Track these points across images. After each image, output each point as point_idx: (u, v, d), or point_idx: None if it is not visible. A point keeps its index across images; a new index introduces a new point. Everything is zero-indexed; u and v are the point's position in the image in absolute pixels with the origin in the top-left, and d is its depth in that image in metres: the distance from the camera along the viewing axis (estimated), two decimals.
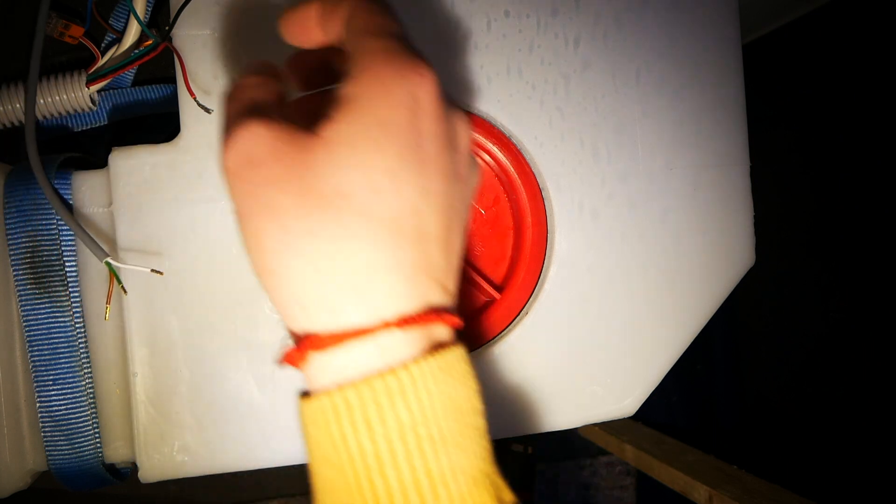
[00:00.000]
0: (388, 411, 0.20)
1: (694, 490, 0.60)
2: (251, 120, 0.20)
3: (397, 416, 0.20)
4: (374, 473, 0.20)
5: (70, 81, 0.37)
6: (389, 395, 0.20)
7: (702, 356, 0.91)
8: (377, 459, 0.20)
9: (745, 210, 0.40)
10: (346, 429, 0.20)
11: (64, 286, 0.34)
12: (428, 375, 0.21)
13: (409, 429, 0.20)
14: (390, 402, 0.20)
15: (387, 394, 0.20)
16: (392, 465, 0.20)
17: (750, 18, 0.65)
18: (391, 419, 0.20)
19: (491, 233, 0.38)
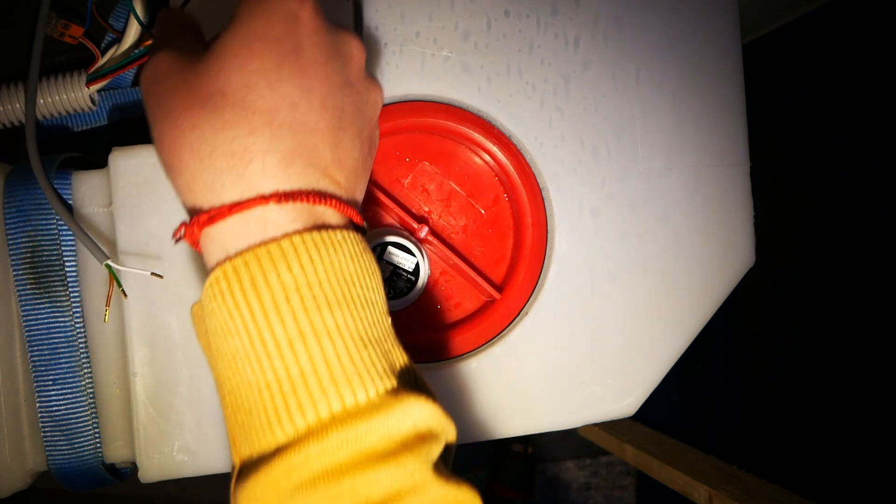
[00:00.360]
0: (271, 275, 0.22)
1: (694, 490, 0.60)
2: (159, 49, 0.25)
3: (281, 280, 0.22)
4: (264, 330, 0.22)
5: (70, 81, 0.37)
6: (272, 260, 0.22)
7: (702, 356, 0.91)
8: (265, 317, 0.22)
9: (745, 210, 0.40)
10: (237, 294, 0.22)
11: (64, 286, 0.34)
12: (311, 245, 0.23)
13: (293, 290, 0.22)
14: (273, 266, 0.22)
15: (270, 259, 0.22)
16: (279, 321, 0.22)
17: (750, 18, 0.65)
18: (275, 282, 0.22)
19: (491, 233, 0.38)
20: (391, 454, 0.22)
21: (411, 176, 0.38)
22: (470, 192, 0.38)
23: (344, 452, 0.21)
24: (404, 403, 0.22)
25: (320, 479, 0.21)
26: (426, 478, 0.22)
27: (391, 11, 0.35)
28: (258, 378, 0.22)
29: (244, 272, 0.22)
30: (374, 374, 0.23)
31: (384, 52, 0.35)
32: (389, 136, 0.37)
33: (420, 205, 0.38)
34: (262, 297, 0.22)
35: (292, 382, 0.22)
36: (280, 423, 0.22)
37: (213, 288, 0.23)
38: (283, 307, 0.22)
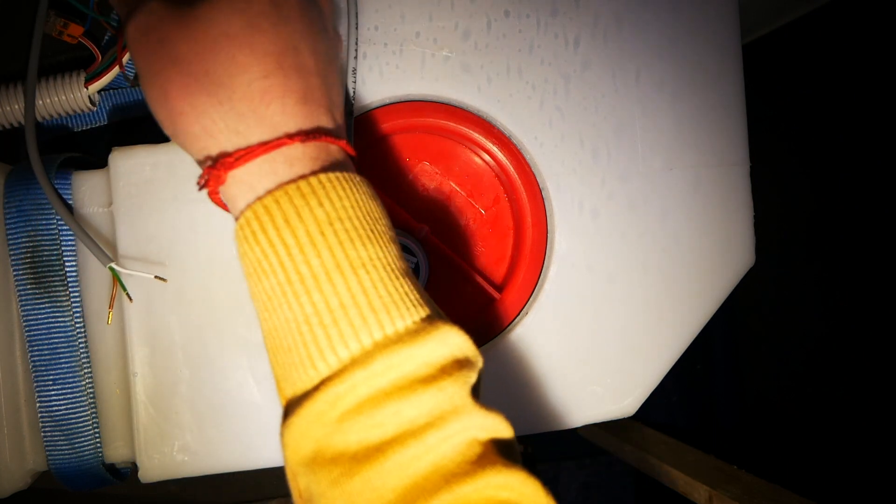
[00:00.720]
0: (304, 210, 0.23)
1: (694, 490, 0.60)
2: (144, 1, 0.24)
3: (314, 215, 0.23)
4: (301, 265, 0.22)
5: (69, 82, 0.36)
6: (304, 197, 0.23)
7: (702, 356, 0.91)
8: (301, 251, 0.22)
9: (745, 210, 0.40)
10: (271, 233, 0.23)
11: (64, 286, 0.34)
12: (336, 182, 0.24)
13: (326, 224, 0.23)
14: (305, 202, 0.23)
15: (301, 196, 0.23)
16: (315, 254, 0.22)
17: (750, 18, 0.65)
18: (308, 217, 0.23)
19: (491, 233, 0.38)
20: (431, 378, 0.22)
21: (411, 176, 0.38)
22: (470, 192, 0.38)
23: (387, 377, 0.22)
24: (441, 331, 0.23)
25: (365, 406, 0.22)
26: (465, 402, 0.23)
27: (391, 11, 0.35)
28: (296, 314, 0.23)
29: (276, 210, 0.23)
30: (410, 304, 0.23)
31: (384, 52, 0.35)
32: (390, 136, 0.37)
33: (420, 205, 0.38)
34: (297, 232, 0.23)
35: (332, 314, 0.22)
36: (322, 355, 0.22)
37: (244, 229, 0.23)
38: (319, 240, 0.23)
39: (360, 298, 0.22)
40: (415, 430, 0.22)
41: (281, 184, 0.23)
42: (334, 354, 0.22)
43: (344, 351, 0.22)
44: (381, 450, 0.21)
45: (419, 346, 0.22)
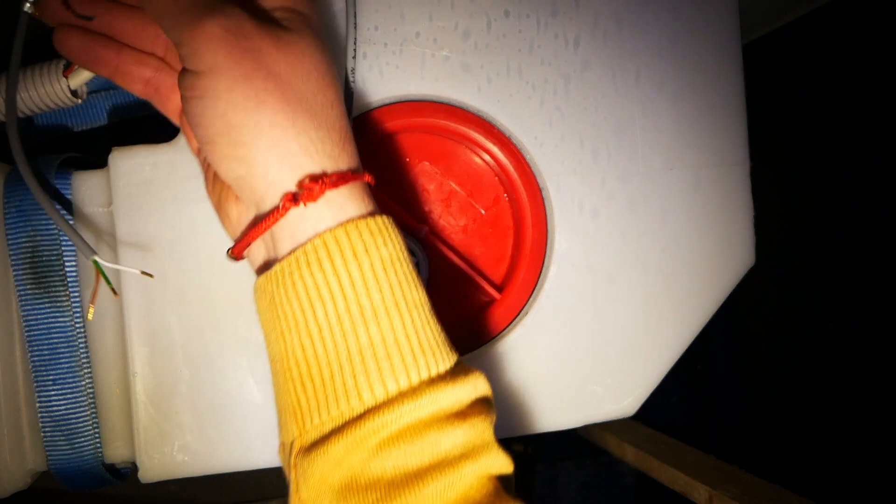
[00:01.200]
0: (371, 247, 0.24)
1: (694, 490, 0.60)
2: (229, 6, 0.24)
3: (379, 253, 0.24)
4: (363, 296, 0.24)
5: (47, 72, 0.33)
6: (372, 234, 0.25)
7: (702, 356, 0.91)
8: (365, 285, 0.24)
9: (745, 210, 0.40)
10: (338, 262, 0.24)
11: (64, 286, 0.34)
12: (391, 226, 0.26)
13: (388, 263, 0.25)
14: (373, 240, 0.24)
15: (370, 233, 0.25)
16: (377, 289, 0.24)
17: (750, 18, 0.65)
18: (374, 254, 0.24)
19: (491, 233, 0.38)
20: (464, 415, 0.24)
21: (411, 176, 0.38)
22: (470, 192, 0.38)
23: (427, 410, 0.24)
24: (473, 375, 0.25)
25: (405, 434, 0.23)
26: (491, 439, 0.25)
27: (391, 11, 0.35)
28: (349, 344, 0.24)
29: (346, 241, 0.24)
30: (448, 348, 0.26)
31: (384, 52, 0.35)
32: (390, 136, 0.37)
33: (420, 205, 0.38)
34: (363, 265, 0.24)
35: (387, 349, 0.24)
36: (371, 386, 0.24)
37: (309, 254, 0.24)
38: (381, 277, 0.24)
39: (413, 338, 0.24)
40: (451, 461, 0.24)
41: (361, 215, 0.25)
42: (383, 387, 0.24)
43: (393, 384, 0.24)
44: (420, 476, 0.23)
45: (459, 387, 0.24)
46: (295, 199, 0.24)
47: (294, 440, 0.25)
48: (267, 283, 0.26)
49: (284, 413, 0.26)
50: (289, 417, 0.25)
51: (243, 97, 0.24)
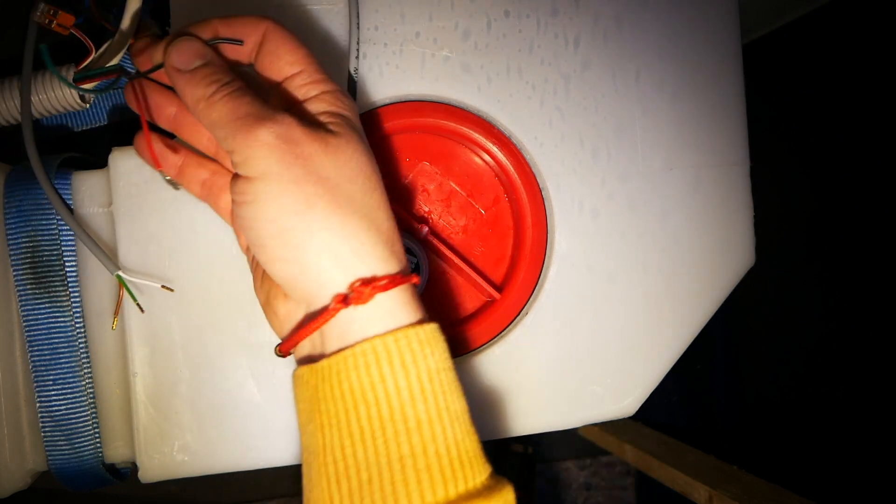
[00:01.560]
0: (419, 357, 0.25)
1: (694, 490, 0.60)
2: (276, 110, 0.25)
3: (426, 363, 0.25)
4: (408, 406, 0.24)
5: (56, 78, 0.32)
6: (420, 343, 0.25)
7: (702, 356, 0.91)
8: (411, 394, 0.25)
9: (745, 210, 0.40)
10: (385, 369, 0.24)
11: (64, 286, 0.34)
12: (438, 335, 0.26)
13: (435, 373, 0.25)
14: (421, 349, 0.25)
15: (419, 342, 0.25)
16: (422, 399, 0.25)
17: (750, 18, 0.65)
18: (422, 363, 0.25)
19: (491, 233, 0.38)
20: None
21: (411, 176, 0.38)
22: (470, 192, 0.38)
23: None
24: (505, 487, 0.26)
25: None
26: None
27: (391, 11, 0.35)
28: (390, 450, 0.24)
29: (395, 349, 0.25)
30: (483, 460, 0.26)
31: (384, 52, 0.35)
32: (390, 136, 0.37)
33: (420, 205, 0.38)
34: (410, 374, 0.25)
35: (427, 459, 0.24)
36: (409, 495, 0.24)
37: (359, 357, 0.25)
38: (427, 388, 0.25)
39: (453, 450, 0.25)
40: None
41: (402, 324, 0.26)
42: (420, 497, 0.24)
43: (430, 496, 0.24)
44: None
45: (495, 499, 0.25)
46: (346, 300, 0.25)
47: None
48: (312, 375, 0.26)
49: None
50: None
51: (293, 201, 0.25)
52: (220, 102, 0.25)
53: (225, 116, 0.25)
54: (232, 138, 0.25)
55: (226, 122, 0.25)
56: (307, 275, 0.25)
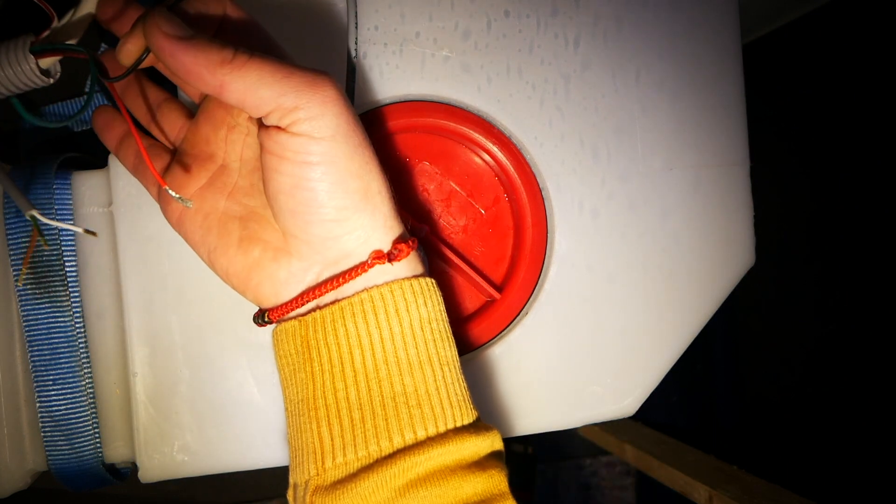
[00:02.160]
0: (412, 306, 0.26)
1: (694, 490, 0.60)
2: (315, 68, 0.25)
3: (419, 312, 0.27)
4: (401, 350, 0.26)
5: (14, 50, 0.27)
6: (413, 294, 0.27)
7: (702, 356, 0.91)
8: (404, 339, 0.26)
9: (745, 210, 0.40)
10: (381, 316, 0.26)
11: (64, 286, 0.34)
12: (432, 287, 0.28)
13: (427, 322, 0.27)
14: (414, 299, 0.27)
15: (412, 293, 0.27)
16: (414, 344, 0.26)
17: (750, 18, 0.65)
18: (415, 312, 0.26)
19: (491, 233, 0.38)
20: (482, 466, 0.26)
21: (411, 176, 0.38)
22: (470, 192, 0.38)
23: (453, 457, 0.25)
24: (492, 431, 0.27)
25: (431, 478, 0.25)
26: (507, 490, 0.27)
27: (391, 11, 0.35)
28: (384, 390, 0.26)
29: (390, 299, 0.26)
30: (470, 404, 0.28)
31: (384, 52, 0.35)
32: (389, 136, 0.37)
33: (420, 205, 0.38)
34: (403, 322, 0.26)
35: (418, 398, 0.26)
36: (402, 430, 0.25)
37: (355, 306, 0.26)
38: (419, 334, 0.26)
39: (443, 391, 0.26)
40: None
41: (399, 277, 0.27)
42: (413, 432, 0.25)
43: (422, 430, 0.25)
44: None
45: (480, 440, 0.26)
46: (389, 257, 0.26)
47: (309, 479, 0.26)
48: (301, 327, 0.27)
49: (300, 453, 0.26)
50: (306, 457, 0.26)
51: (359, 165, 0.25)
52: (251, 62, 0.23)
53: (268, 75, 0.23)
54: (296, 94, 0.23)
55: (276, 81, 0.23)
56: (353, 235, 0.26)
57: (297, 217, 0.26)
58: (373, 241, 0.27)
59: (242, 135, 0.29)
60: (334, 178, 0.25)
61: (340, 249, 0.26)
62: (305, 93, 0.23)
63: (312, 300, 0.27)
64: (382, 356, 0.26)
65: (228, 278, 0.28)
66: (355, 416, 0.25)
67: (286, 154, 0.24)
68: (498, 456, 0.28)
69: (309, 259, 0.27)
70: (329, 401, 0.26)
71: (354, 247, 0.26)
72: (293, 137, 0.24)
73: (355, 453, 0.25)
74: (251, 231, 0.28)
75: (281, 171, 0.25)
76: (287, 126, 0.24)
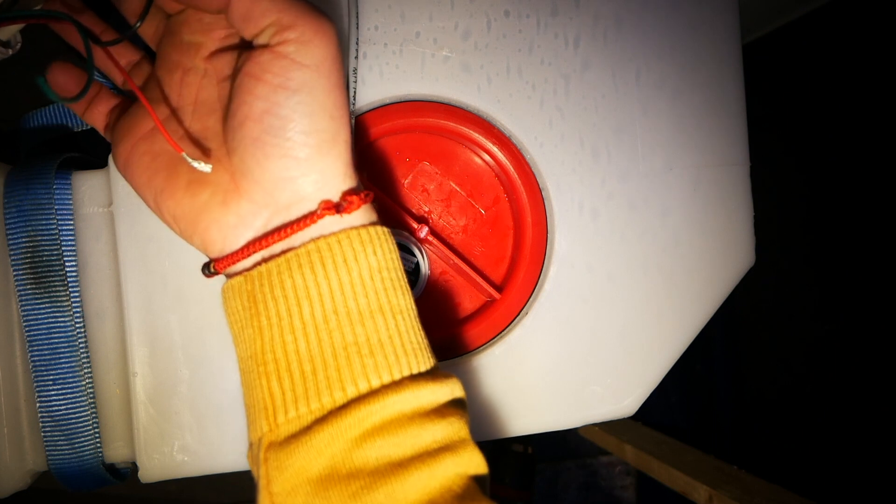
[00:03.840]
0: (360, 255, 0.26)
1: (694, 490, 0.60)
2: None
3: (367, 261, 0.26)
4: (350, 300, 0.25)
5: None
6: (362, 243, 0.26)
7: (702, 356, 0.91)
8: (352, 289, 0.25)
9: (745, 210, 0.40)
10: (329, 266, 0.25)
11: (64, 286, 0.34)
12: (382, 236, 0.27)
13: (376, 271, 0.26)
14: (363, 248, 0.26)
15: (360, 242, 0.26)
16: (363, 294, 0.25)
17: (750, 18, 0.65)
18: (363, 262, 0.26)
19: (491, 233, 0.38)
20: (441, 413, 0.25)
21: (411, 176, 0.38)
22: (470, 192, 0.38)
23: (409, 405, 0.24)
24: (451, 378, 0.27)
25: (387, 426, 0.24)
26: (468, 437, 0.26)
27: (391, 11, 0.35)
28: (335, 340, 0.25)
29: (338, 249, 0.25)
30: (428, 352, 0.27)
31: (384, 52, 0.35)
32: (389, 136, 0.37)
33: (420, 205, 0.38)
34: (352, 272, 0.25)
35: (371, 347, 0.25)
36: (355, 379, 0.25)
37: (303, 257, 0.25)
38: (368, 284, 0.26)
39: (395, 339, 0.26)
40: (432, 453, 0.24)
41: (345, 228, 0.26)
42: (366, 381, 0.25)
43: (376, 379, 0.25)
44: (403, 466, 0.24)
45: (438, 387, 0.26)
46: (338, 208, 0.26)
47: (263, 436, 0.25)
48: (246, 282, 0.26)
49: (253, 410, 0.26)
50: (258, 413, 0.25)
51: (334, 105, 0.25)
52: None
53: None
54: (296, 14, 0.24)
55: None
56: (310, 178, 0.25)
57: (259, 147, 0.25)
58: (328, 188, 0.26)
59: (198, 77, 0.28)
60: (307, 111, 0.24)
61: (294, 192, 0.26)
62: (305, 16, 0.24)
63: (259, 251, 0.26)
64: (332, 306, 0.25)
65: (175, 222, 0.28)
66: (306, 368, 0.25)
67: (265, 76, 0.24)
68: (459, 404, 0.27)
69: (260, 202, 0.26)
70: (278, 354, 0.25)
71: (309, 192, 0.26)
72: (277, 59, 0.24)
73: (308, 406, 0.24)
74: (201, 174, 0.27)
75: (256, 93, 0.25)
76: (274, 45, 0.24)
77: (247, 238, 0.27)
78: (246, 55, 0.25)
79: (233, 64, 0.28)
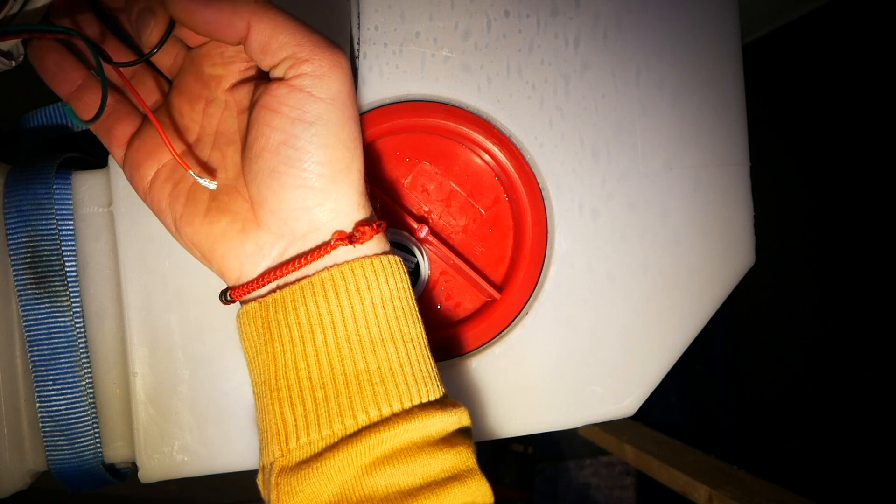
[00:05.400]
0: (373, 284, 0.26)
1: (694, 490, 0.60)
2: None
3: (380, 290, 0.26)
4: (363, 328, 0.26)
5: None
6: (374, 272, 0.26)
7: (702, 356, 0.91)
8: (365, 317, 0.26)
9: (745, 210, 0.40)
10: (342, 294, 0.26)
11: (64, 286, 0.34)
12: (395, 266, 0.27)
13: (388, 300, 0.26)
14: (375, 277, 0.26)
15: (373, 271, 0.26)
16: (375, 322, 0.26)
17: (750, 18, 0.65)
18: (376, 291, 0.26)
19: (491, 233, 0.38)
20: (450, 442, 0.26)
21: (411, 176, 0.38)
22: (470, 192, 0.38)
23: (420, 434, 0.25)
24: (460, 408, 0.27)
25: (398, 455, 0.25)
26: (475, 466, 0.27)
27: (391, 11, 0.35)
28: (346, 368, 0.25)
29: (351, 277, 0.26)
30: (438, 381, 0.27)
31: (384, 52, 0.35)
32: (389, 136, 0.37)
33: (420, 205, 0.38)
34: (364, 300, 0.26)
35: (382, 375, 0.25)
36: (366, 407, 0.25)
37: (316, 285, 0.26)
38: (380, 313, 0.26)
39: (406, 368, 0.26)
40: (440, 482, 0.25)
41: (358, 257, 0.27)
42: (377, 409, 0.25)
43: (387, 407, 0.25)
44: (412, 494, 0.24)
45: (447, 416, 0.26)
46: (351, 239, 0.26)
47: (274, 461, 0.25)
48: (261, 308, 0.26)
49: (266, 435, 0.26)
50: (271, 438, 0.26)
51: (349, 137, 0.26)
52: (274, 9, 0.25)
53: (290, 24, 0.25)
54: (312, 48, 0.24)
55: (297, 30, 0.24)
56: (325, 208, 0.26)
57: (276, 178, 0.25)
58: (342, 217, 0.26)
59: (220, 109, 0.29)
60: (323, 142, 0.25)
61: (310, 222, 0.26)
62: (321, 50, 0.25)
63: (274, 280, 0.26)
64: (344, 334, 0.25)
65: (193, 248, 0.28)
66: (318, 395, 0.25)
67: (282, 108, 0.25)
68: (465, 433, 0.28)
69: (276, 231, 0.27)
70: (291, 381, 0.25)
71: (325, 221, 0.26)
72: (293, 92, 0.25)
73: (319, 432, 0.25)
74: (220, 202, 0.28)
75: (273, 125, 0.25)
76: (290, 78, 0.25)
77: (263, 267, 0.27)
78: (263, 87, 0.26)
79: (251, 96, 0.28)
